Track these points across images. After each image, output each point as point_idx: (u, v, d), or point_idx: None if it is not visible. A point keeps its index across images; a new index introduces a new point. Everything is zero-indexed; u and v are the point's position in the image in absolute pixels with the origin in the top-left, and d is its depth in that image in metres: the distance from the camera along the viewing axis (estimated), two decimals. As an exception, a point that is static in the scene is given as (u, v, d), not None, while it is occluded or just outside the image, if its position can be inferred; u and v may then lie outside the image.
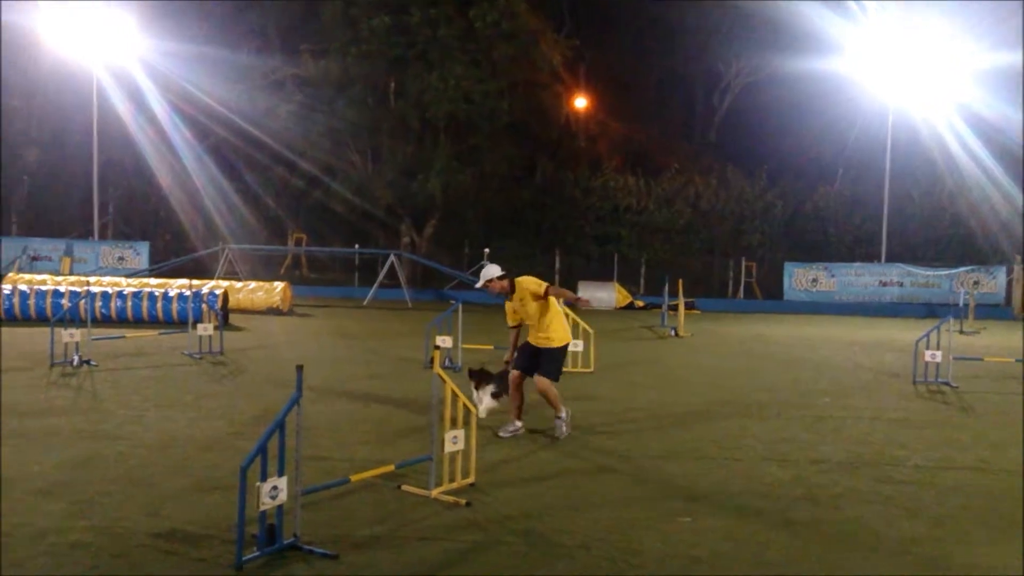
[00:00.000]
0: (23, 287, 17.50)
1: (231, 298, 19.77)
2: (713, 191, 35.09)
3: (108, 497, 5.85)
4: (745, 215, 34.78)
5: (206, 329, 13.17)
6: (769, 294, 31.22)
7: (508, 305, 8.16)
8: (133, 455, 7.00)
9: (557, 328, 8.06)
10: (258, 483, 4.68)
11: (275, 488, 4.78)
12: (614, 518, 5.75)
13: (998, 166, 30.64)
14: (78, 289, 17.06)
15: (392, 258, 27.74)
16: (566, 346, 8.17)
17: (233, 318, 18.65)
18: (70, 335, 11.56)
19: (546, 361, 7.97)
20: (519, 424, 8.12)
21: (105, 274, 25.32)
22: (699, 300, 27.88)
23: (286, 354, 13.91)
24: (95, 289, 17.32)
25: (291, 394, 4.98)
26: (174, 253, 30.83)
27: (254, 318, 19.76)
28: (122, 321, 17.00)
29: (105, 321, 16.65)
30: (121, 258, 29.17)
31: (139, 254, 29.44)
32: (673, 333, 19.03)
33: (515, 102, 32.00)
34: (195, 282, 18.97)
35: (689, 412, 9.78)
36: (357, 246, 31.05)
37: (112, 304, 17.17)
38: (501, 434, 7.96)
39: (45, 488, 6.03)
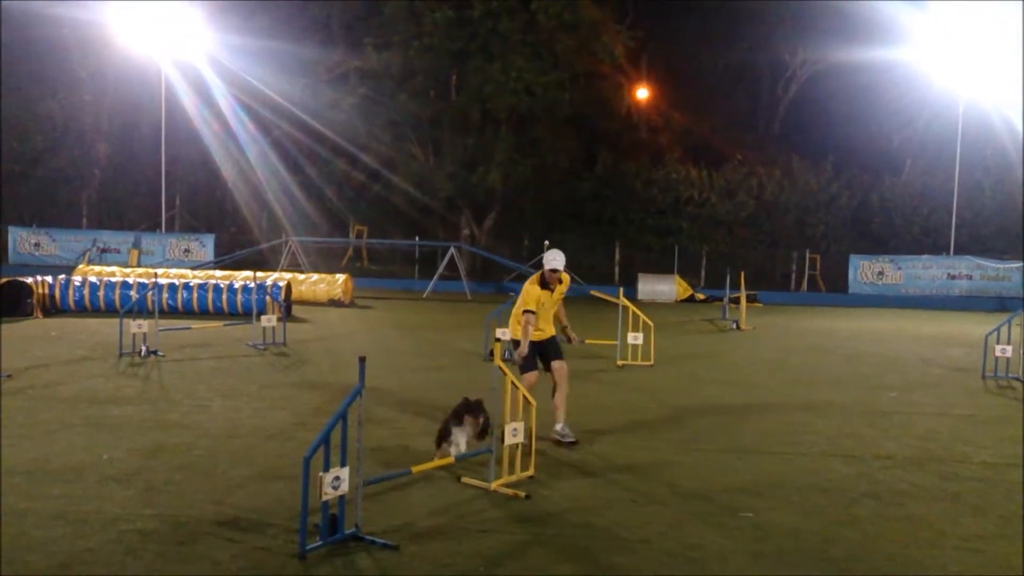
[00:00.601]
0: (93, 279, 17.99)
1: (294, 290, 20.08)
2: (777, 182, 34.49)
3: (175, 485, 5.98)
4: (809, 206, 34.12)
5: (270, 320, 13.39)
6: (833, 287, 30.59)
7: (540, 294, 7.83)
8: (199, 444, 7.14)
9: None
10: (321, 473, 4.74)
11: (337, 478, 4.83)
12: (675, 512, 5.69)
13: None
14: (146, 281, 17.48)
15: (452, 250, 27.88)
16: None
17: (296, 310, 18.93)
18: (138, 326, 11.84)
19: (557, 347, 7.92)
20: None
21: (172, 266, 25.94)
22: (761, 293, 27.45)
23: (348, 346, 14.07)
24: (162, 281, 17.73)
25: (353, 385, 5.02)
26: (238, 245, 31.42)
27: (316, 310, 20.03)
28: (188, 312, 17.37)
29: (171, 312, 17.02)
30: (187, 250, 29.81)
31: (204, 246, 30.05)
32: (735, 326, 18.77)
33: (576, 94, 31.86)
34: (259, 274, 19.32)
35: (751, 406, 9.63)
36: (417, 238, 31.28)
37: (179, 296, 17.55)
38: (565, 440, 7.50)
39: (116, 475, 6.20)
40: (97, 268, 22.43)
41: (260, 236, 32.56)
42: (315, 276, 22.81)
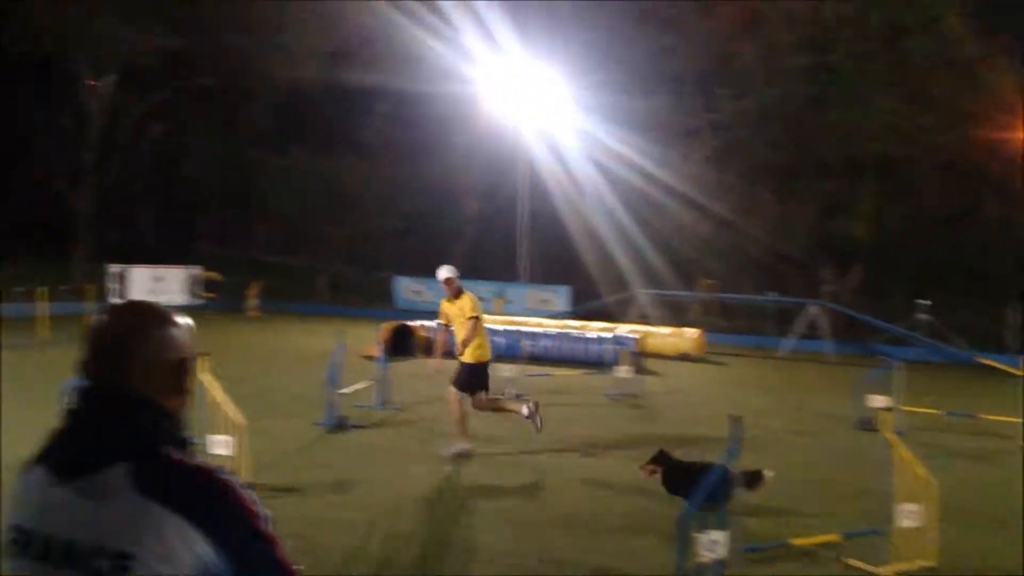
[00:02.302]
0: (466, 324, 19.43)
1: (645, 342, 20.20)
2: None
3: (549, 529, 6.12)
4: None
5: (624, 372, 13.53)
6: None
7: (444, 304, 9.39)
8: (567, 490, 7.29)
9: (472, 348, 8.94)
10: (696, 534, 4.56)
11: (714, 541, 4.62)
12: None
13: None
14: (511, 327, 18.58)
15: (812, 307, 26.44)
16: (476, 364, 9.01)
17: (647, 363, 18.98)
18: (508, 370, 12.53)
19: (461, 374, 8.92)
20: (464, 445, 8.53)
21: (531, 315, 27.38)
22: None
23: (701, 400, 13.80)
24: (525, 329, 18.73)
25: (719, 442, 4.80)
26: (590, 297, 32.43)
27: (667, 363, 19.94)
28: (547, 359, 18.08)
29: (533, 358, 17.83)
30: (544, 300, 31.35)
31: (560, 297, 31.40)
32: None
33: (955, 136, 29.09)
34: (610, 325, 19.72)
35: None
36: (772, 293, 30.17)
37: (539, 343, 18.38)
38: (443, 452, 8.46)
39: (502, 510, 6.49)
40: (467, 315, 24.26)
41: (608, 288, 33.33)
42: (666, 329, 22.80)
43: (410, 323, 18.61)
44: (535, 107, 31.34)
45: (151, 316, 1.70)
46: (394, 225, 35.57)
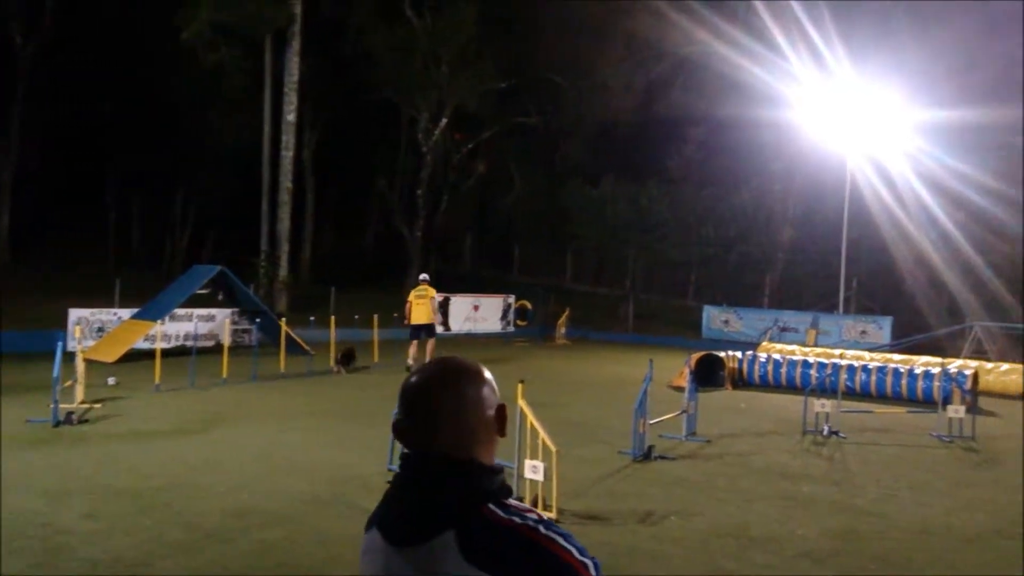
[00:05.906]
0: (776, 356, 18.93)
1: (980, 380, 18.39)
2: None
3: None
4: None
5: (956, 411, 12.47)
6: None
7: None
8: (889, 536, 6.97)
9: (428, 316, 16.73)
10: None
11: None
12: None
13: None
14: (825, 360, 17.78)
15: None
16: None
17: (983, 401, 17.28)
18: (821, 405, 12.06)
19: (430, 330, 16.77)
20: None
21: (848, 347, 25.91)
22: None
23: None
24: (841, 362, 17.83)
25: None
26: (915, 329, 30.06)
27: (1007, 403, 18.01)
28: (866, 395, 17.10)
29: (849, 394, 16.92)
30: (863, 332, 29.55)
31: (881, 328, 29.41)
32: None
33: None
34: (939, 360, 18.19)
35: None
36: None
37: (857, 377, 17.40)
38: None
39: (811, 553, 6.37)
40: (778, 346, 23.56)
41: (936, 320, 30.65)
42: (1005, 366, 20.55)
43: (719, 353, 18.47)
44: (862, 128, 29.74)
45: (465, 378, 1.69)
46: (700, 253, 35.34)
